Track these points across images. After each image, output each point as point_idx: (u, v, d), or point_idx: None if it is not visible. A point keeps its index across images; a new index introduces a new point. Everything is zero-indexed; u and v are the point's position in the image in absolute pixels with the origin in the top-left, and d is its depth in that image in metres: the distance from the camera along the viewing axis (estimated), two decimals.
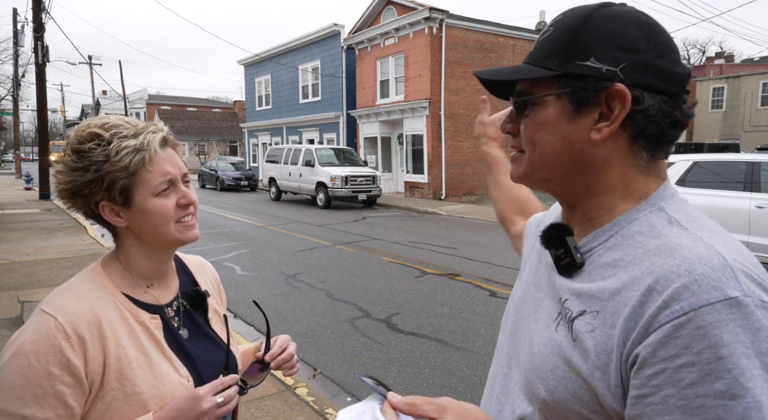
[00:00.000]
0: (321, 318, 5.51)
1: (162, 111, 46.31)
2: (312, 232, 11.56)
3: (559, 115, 0.74)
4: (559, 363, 0.71)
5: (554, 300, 0.78)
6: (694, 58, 54.77)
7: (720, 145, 22.47)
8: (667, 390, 0.59)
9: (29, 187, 21.88)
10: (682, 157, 7.81)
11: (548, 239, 0.80)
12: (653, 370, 0.60)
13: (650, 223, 0.72)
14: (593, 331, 0.68)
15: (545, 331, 0.77)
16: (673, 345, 0.59)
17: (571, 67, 0.72)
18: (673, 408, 0.59)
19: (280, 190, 19.21)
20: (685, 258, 0.64)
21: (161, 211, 1.01)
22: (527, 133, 0.77)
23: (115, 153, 0.97)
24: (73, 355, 0.92)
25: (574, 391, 0.69)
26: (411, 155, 20.40)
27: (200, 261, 1.31)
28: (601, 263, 0.73)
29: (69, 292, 1.00)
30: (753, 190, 6.78)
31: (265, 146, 28.45)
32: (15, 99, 33.24)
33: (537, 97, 0.75)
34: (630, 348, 0.63)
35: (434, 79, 18.65)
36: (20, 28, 24.22)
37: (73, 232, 10.42)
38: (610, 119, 0.71)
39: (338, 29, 22.72)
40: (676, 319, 0.59)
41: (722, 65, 36.52)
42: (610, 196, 0.75)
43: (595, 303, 0.69)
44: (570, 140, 0.74)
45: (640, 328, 0.62)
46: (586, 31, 0.71)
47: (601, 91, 0.70)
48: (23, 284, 6.39)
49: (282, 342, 1.22)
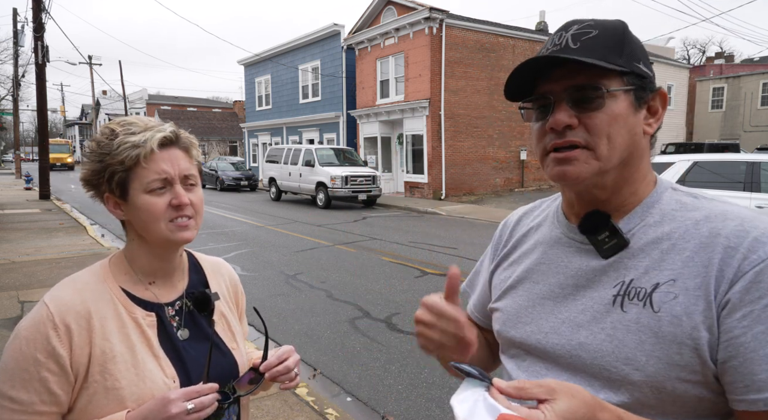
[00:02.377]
0: (321, 318, 5.51)
1: (162, 111, 46.27)
2: (312, 232, 11.56)
3: (628, 109, 0.80)
4: (645, 337, 0.76)
5: (603, 285, 0.82)
6: (694, 58, 54.78)
7: (720, 145, 22.47)
8: (757, 327, 0.69)
9: (29, 187, 21.86)
10: (682, 157, 7.81)
11: (589, 225, 0.85)
12: (742, 312, 0.70)
13: (678, 201, 0.83)
14: (676, 297, 0.75)
15: (607, 317, 0.80)
16: (756, 288, 0.70)
17: (633, 67, 0.80)
18: (765, 343, 0.68)
19: (280, 190, 19.20)
20: (742, 218, 0.76)
21: (151, 208, 1.02)
22: (600, 126, 0.79)
23: (117, 147, 1.01)
24: (58, 343, 0.95)
25: (669, 358, 0.74)
26: (411, 155, 20.40)
27: (218, 263, 1.30)
28: (650, 240, 0.81)
29: (70, 283, 1.04)
30: (753, 190, 6.78)
31: (265, 146, 28.44)
32: (15, 99, 33.22)
33: (615, 90, 0.79)
34: (721, 297, 0.72)
35: (434, 79, 18.64)
36: (20, 28, 24.22)
37: (73, 232, 10.42)
38: (656, 116, 0.84)
39: (338, 29, 22.72)
40: (757, 266, 0.71)
41: (722, 65, 36.51)
42: (640, 183, 0.85)
43: (666, 273, 0.77)
44: (634, 133, 0.81)
45: (729, 280, 0.72)
46: (630, 40, 0.81)
47: (653, 92, 0.83)
48: (23, 284, 6.39)
49: (282, 353, 1.17)
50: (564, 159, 0.81)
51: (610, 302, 0.81)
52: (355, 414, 3.50)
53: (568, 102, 0.80)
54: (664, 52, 32.30)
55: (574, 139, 0.80)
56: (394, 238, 10.60)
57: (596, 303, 0.82)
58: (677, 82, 28.99)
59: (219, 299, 1.19)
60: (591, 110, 0.79)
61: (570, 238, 0.91)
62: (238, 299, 1.30)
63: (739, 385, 0.71)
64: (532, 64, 0.81)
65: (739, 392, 0.71)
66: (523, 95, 0.86)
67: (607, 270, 0.83)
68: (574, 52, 0.79)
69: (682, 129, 29.94)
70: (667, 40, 34.82)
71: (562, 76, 0.81)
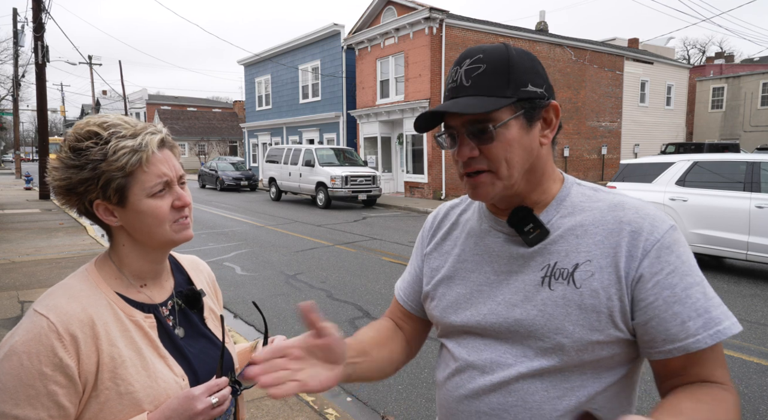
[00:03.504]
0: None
1: (162, 111, 46.29)
2: (312, 232, 11.55)
3: (520, 132, 0.93)
4: (570, 310, 0.91)
5: (531, 269, 0.96)
6: (694, 58, 54.75)
7: (720, 145, 22.47)
8: (665, 292, 0.88)
9: (29, 187, 21.87)
10: (682, 157, 7.80)
11: (518, 219, 0.98)
12: (652, 282, 0.89)
13: (583, 194, 1.00)
14: (593, 275, 0.91)
15: (537, 295, 0.94)
16: (659, 262, 0.89)
17: (520, 93, 0.92)
18: (671, 302, 0.88)
19: (280, 190, 19.20)
20: (636, 207, 0.94)
21: (156, 212, 1.01)
22: (497, 153, 0.92)
23: (113, 152, 0.97)
24: (65, 354, 0.92)
25: (590, 324, 0.90)
26: (411, 155, 20.40)
27: (195, 260, 1.31)
28: (567, 228, 0.96)
29: (62, 291, 1.00)
30: (753, 190, 6.78)
31: (265, 146, 28.45)
32: (15, 99, 33.23)
33: (506, 121, 0.91)
34: (635, 272, 0.89)
35: (434, 79, 18.64)
36: (20, 28, 24.21)
37: (73, 232, 10.42)
38: (551, 127, 0.97)
39: (338, 29, 22.72)
40: (656, 244, 0.90)
41: (722, 65, 36.51)
42: (548, 182, 1.00)
43: (583, 255, 0.93)
44: (530, 149, 0.94)
45: (638, 258, 0.89)
46: (516, 66, 0.92)
47: (543, 108, 0.95)
48: (23, 284, 6.39)
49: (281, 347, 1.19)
50: (473, 184, 0.96)
51: (539, 283, 0.95)
52: (354, 414, 3.50)
53: (468, 135, 0.93)
54: (664, 52, 32.30)
55: (478, 166, 0.94)
56: (394, 238, 10.60)
57: (527, 285, 0.96)
58: (677, 82, 28.99)
59: (205, 295, 1.21)
60: (486, 142, 0.92)
61: (498, 231, 1.03)
62: (217, 294, 1.32)
63: (659, 339, 0.89)
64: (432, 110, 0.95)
65: (658, 345, 0.89)
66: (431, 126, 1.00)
67: (533, 256, 0.97)
68: (466, 91, 0.92)
69: (682, 129, 29.94)
70: (667, 40, 34.82)
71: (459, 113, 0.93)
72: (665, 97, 28.42)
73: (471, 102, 0.91)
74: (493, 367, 0.96)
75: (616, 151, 25.47)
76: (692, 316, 0.87)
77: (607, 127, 24.88)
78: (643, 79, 26.61)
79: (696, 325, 0.87)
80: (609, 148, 24.95)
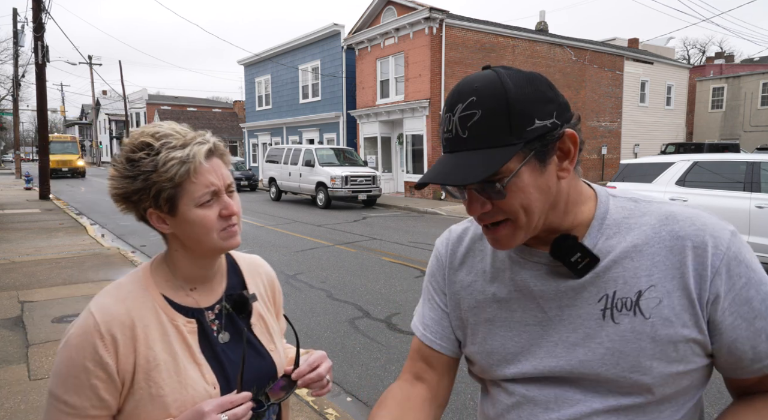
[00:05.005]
0: (321, 318, 5.51)
1: (162, 111, 46.26)
2: (312, 232, 11.55)
3: (533, 175, 0.81)
4: (644, 344, 0.82)
5: (586, 301, 0.86)
6: (694, 58, 54.75)
7: (720, 145, 22.47)
8: (743, 309, 0.80)
9: (29, 187, 21.86)
10: (682, 157, 7.80)
11: (559, 249, 0.87)
12: (728, 301, 0.80)
13: (623, 208, 0.89)
14: (661, 301, 0.82)
15: (600, 331, 0.84)
16: (729, 278, 0.80)
17: (526, 134, 0.78)
18: (752, 318, 0.80)
19: (280, 190, 19.20)
20: (690, 218, 0.85)
21: (204, 221, 1.03)
22: (513, 204, 0.81)
23: (163, 164, 0.99)
24: (105, 353, 0.98)
25: (668, 356, 0.81)
26: (411, 155, 20.40)
27: (254, 262, 1.29)
28: (618, 252, 0.85)
29: (114, 291, 1.06)
30: (753, 190, 6.77)
31: (265, 146, 28.44)
32: (15, 99, 33.21)
33: (515, 172, 0.79)
34: (708, 293, 0.81)
35: (434, 79, 18.64)
36: (20, 28, 24.20)
37: (73, 232, 10.42)
38: (570, 157, 0.83)
39: (338, 29, 22.72)
40: (723, 258, 0.81)
41: (722, 65, 36.50)
42: (575, 208, 0.88)
43: (644, 280, 0.83)
44: (547, 188, 0.83)
45: (709, 276, 0.81)
46: (516, 103, 0.78)
47: (556, 140, 0.81)
48: (23, 284, 6.38)
49: (314, 360, 1.16)
50: (494, 238, 0.86)
51: (600, 317, 0.85)
52: (354, 414, 3.50)
53: (477, 191, 0.83)
54: (664, 52, 32.29)
55: (494, 219, 0.84)
56: (394, 238, 10.60)
57: (585, 320, 0.86)
58: (677, 82, 28.98)
59: (256, 300, 1.19)
60: (498, 198, 0.81)
61: (535, 262, 0.91)
62: (275, 297, 1.29)
63: (746, 359, 0.82)
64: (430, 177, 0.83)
65: (746, 365, 0.82)
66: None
67: (586, 287, 0.86)
68: (464, 144, 0.80)
69: (682, 129, 29.94)
70: (667, 40, 34.82)
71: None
72: (665, 97, 28.42)
73: (471, 161, 0.79)
74: (558, 404, 0.87)
75: (616, 151, 25.47)
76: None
77: (607, 127, 24.88)
78: (643, 79, 26.61)
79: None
80: (609, 148, 24.95)
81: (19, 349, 4.34)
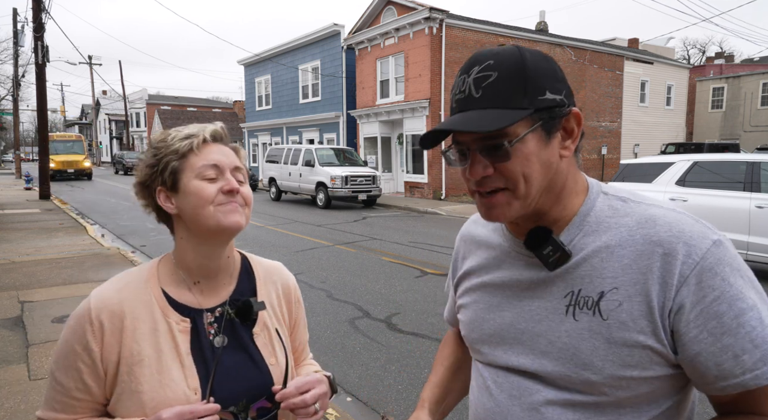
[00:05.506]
0: (321, 318, 5.52)
1: (162, 111, 46.25)
2: (312, 232, 11.56)
3: (538, 145, 0.82)
4: (598, 343, 0.82)
5: (554, 296, 0.88)
6: (694, 58, 54.75)
7: (720, 145, 22.48)
8: (710, 323, 0.77)
9: (29, 187, 21.85)
10: (682, 157, 7.80)
11: (534, 241, 0.88)
12: (694, 312, 0.77)
13: (610, 206, 0.88)
14: (621, 305, 0.81)
15: (561, 326, 0.86)
16: (699, 289, 0.77)
17: (537, 102, 0.81)
18: (719, 334, 0.76)
19: (280, 190, 19.20)
20: (669, 224, 0.81)
21: (201, 192, 1.02)
22: (516, 170, 0.82)
23: (171, 139, 1.06)
24: (92, 338, 1.00)
25: (621, 360, 0.80)
26: (411, 155, 20.39)
27: (273, 269, 1.24)
28: (590, 250, 0.85)
29: (115, 281, 1.08)
30: (753, 190, 6.77)
31: (265, 146, 28.44)
32: (15, 99, 33.21)
33: (523, 136, 0.81)
34: (672, 302, 0.78)
35: (434, 79, 18.64)
36: (20, 28, 24.21)
37: (73, 232, 10.42)
38: (573, 136, 0.86)
39: (338, 29, 22.72)
40: (695, 268, 0.77)
41: (722, 65, 36.50)
42: (568, 197, 0.89)
43: (608, 282, 0.82)
44: (549, 163, 0.84)
45: (674, 286, 0.78)
46: (532, 72, 0.81)
47: (563, 117, 0.84)
48: (23, 284, 6.38)
49: (303, 383, 1.06)
50: (488, 204, 0.86)
51: (563, 312, 0.86)
52: (354, 414, 3.50)
53: (481, 152, 0.83)
54: (664, 52, 32.29)
55: (493, 185, 0.84)
56: (394, 238, 10.60)
57: (550, 313, 0.88)
58: (677, 82, 28.98)
59: (264, 308, 1.13)
60: (502, 160, 0.82)
61: (518, 253, 0.95)
62: (291, 308, 1.23)
63: (709, 376, 0.79)
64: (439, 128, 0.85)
65: (710, 382, 0.79)
66: (438, 141, 0.89)
67: (555, 281, 0.88)
68: (476, 103, 0.81)
69: (682, 129, 29.94)
70: (667, 40, 34.81)
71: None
72: (665, 97, 28.42)
73: (483, 116, 0.80)
74: (521, 390, 0.91)
75: (616, 151, 25.47)
76: (747, 348, 0.76)
77: (607, 127, 24.88)
78: (643, 79, 26.61)
79: (753, 358, 0.75)
80: (609, 148, 24.95)
81: (19, 349, 4.34)
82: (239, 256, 1.20)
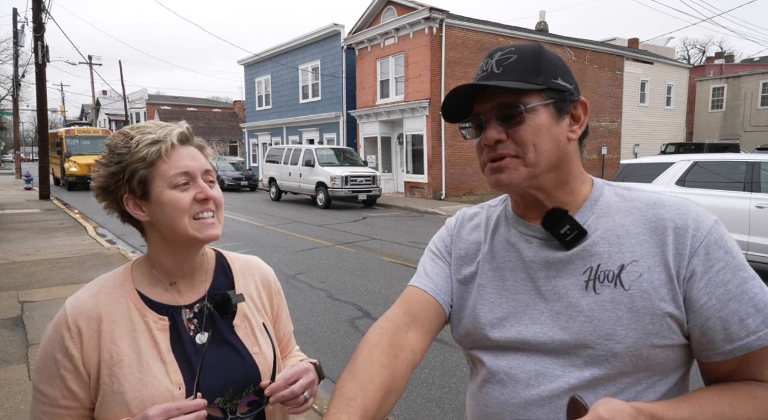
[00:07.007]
0: (321, 318, 5.51)
1: (162, 111, 46.26)
2: (312, 232, 11.55)
3: (549, 120, 0.91)
4: (621, 313, 0.87)
5: (572, 273, 0.92)
6: (694, 58, 54.74)
7: (720, 145, 22.48)
8: (718, 290, 0.84)
9: (29, 187, 21.84)
10: (682, 157, 7.80)
11: (552, 221, 0.94)
12: (704, 280, 0.85)
13: (617, 194, 0.97)
14: (641, 275, 0.87)
15: (582, 300, 0.90)
16: (707, 259, 0.85)
17: (551, 83, 0.91)
18: (726, 300, 0.84)
19: (280, 190, 19.20)
20: (677, 205, 0.91)
21: (176, 203, 1.01)
22: (526, 137, 0.90)
23: (136, 145, 1.01)
24: (71, 345, 0.99)
25: (644, 328, 0.86)
26: (411, 155, 20.40)
27: (249, 263, 1.25)
28: (606, 229, 0.92)
29: (90, 286, 1.07)
30: (753, 190, 6.77)
31: (265, 146, 28.45)
32: (15, 99, 33.23)
33: (535, 105, 0.90)
34: (685, 270, 0.86)
35: (434, 79, 18.64)
36: (20, 28, 24.21)
37: (73, 232, 10.42)
38: (579, 123, 0.95)
39: (338, 29, 22.72)
40: (703, 241, 0.86)
41: (722, 65, 36.50)
42: (575, 183, 0.96)
43: (628, 256, 0.89)
44: (558, 139, 0.92)
45: (687, 256, 0.86)
46: (547, 60, 0.92)
47: (572, 102, 0.94)
48: (23, 284, 6.38)
49: (291, 374, 1.07)
50: (497, 168, 0.92)
51: (583, 287, 0.90)
52: None
53: (497, 119, 0.91)
54: (664, 52, 32.29)
55: (504, 151, 0.91)
56: (394, 238, 10.60)
57: (570, 290, 0.91)
58: (677, 82, 28.98)
59: (243, 300, 1.14)
60: (515, 125, 0.90)
61: (529, 236, 0.98)
62: (272, 300, 1.24)
63: (717, 339, 0.85)
64: (462, 91, 0.93)
65: (718, 346, 0.85)
66: (462, 117, 0.97)
67: (573, 259, 0.92)
68: (497, 77, 0.91)
69: (682, 129, 29.94)
70: (667, 40, 34.81)
71: (488, 98, 0.93)
72: (665, 97, 28.42)
73: (503, 81, 0.90)
74: (539, 380, 0.90)
75: (616, 151, 25.47)
76: (751, 312, 0.83)
77: (607, 127, 24.88)
78: (643, 79, 26.61)
79: (756, 321, 0.83)
80: (609, 148, 24.95)
81: (19, 349, 4.34)
82: (213, 253, 1.21)
